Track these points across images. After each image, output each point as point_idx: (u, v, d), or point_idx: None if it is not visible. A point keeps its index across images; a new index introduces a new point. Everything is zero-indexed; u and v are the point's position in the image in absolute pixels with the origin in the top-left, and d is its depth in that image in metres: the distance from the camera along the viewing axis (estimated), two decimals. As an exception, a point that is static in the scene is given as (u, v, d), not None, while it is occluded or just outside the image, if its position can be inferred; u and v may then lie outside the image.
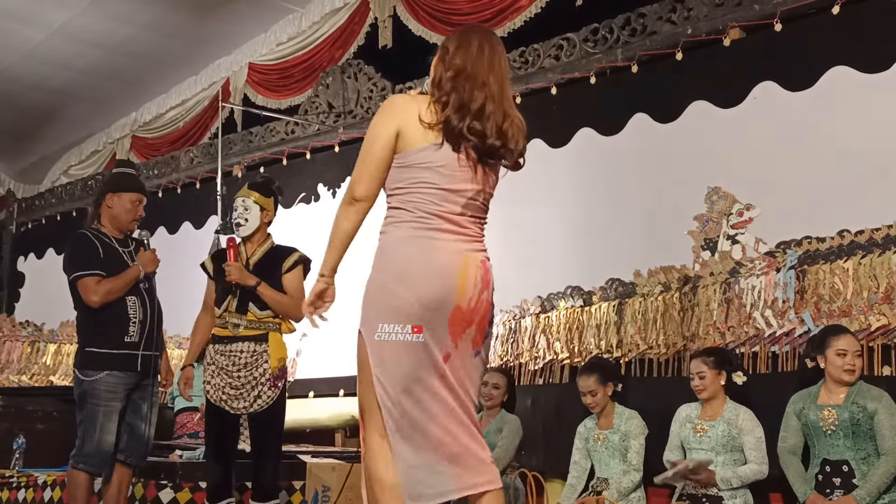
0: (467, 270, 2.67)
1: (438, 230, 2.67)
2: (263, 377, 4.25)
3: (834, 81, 5.13)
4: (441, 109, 2.70)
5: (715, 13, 5.65)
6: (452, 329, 2.65)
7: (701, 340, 5.12)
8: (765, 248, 5.16)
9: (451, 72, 2.74)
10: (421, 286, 2.62)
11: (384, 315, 2.64)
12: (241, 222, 4.43)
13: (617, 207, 5.94)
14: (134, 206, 4.44)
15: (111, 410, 4.20)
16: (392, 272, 2.66)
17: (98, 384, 4.18)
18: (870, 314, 4.56)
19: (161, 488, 4.35)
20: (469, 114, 2.68)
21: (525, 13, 6.82)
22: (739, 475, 4.35)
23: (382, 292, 2.66)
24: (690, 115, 5.71)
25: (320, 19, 8.46)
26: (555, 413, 5.43)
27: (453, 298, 2.64)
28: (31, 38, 8.97)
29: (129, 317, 4.26)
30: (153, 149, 10.38)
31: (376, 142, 2.72)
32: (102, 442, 4.17)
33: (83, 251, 4.32)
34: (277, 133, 8.51)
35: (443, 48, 2.83)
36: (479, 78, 2.72)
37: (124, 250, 4.43)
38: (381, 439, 2.64)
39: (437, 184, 2.68)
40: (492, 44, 2.80)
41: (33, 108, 10.43)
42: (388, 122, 2.72)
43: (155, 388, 4.42)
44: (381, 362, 2.64)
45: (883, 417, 4.00)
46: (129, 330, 4.25)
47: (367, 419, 2.69)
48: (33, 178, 12.10)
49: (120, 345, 4.23)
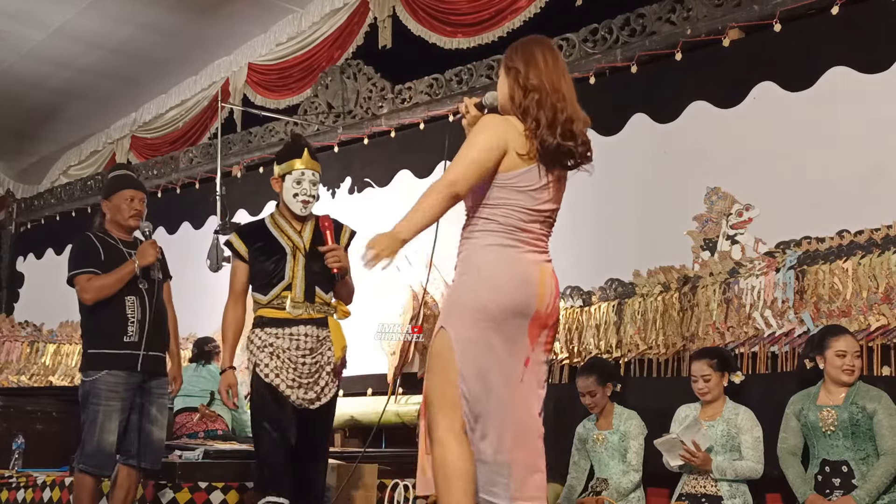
0: (545, 279, 2.84)
1: (521, 242, 2.83)
2: (329, 367, 3.91)
3: (833, 82, 5.13)
4: (534, 131, 2.80)
5: (714, 13, 5.65)
6: (532, 332, 2.83)
7: (700, 340, 5.12)
8: (764, 248, 5.16)
9: (533, 94, 2.83)
10: (509, 292, 2.77)
11: (473, 317, 2.76)
12: (309, 199, 4.03)
13: (616, 207, 5.94)
14: (128, 203, 4.36)
15: (111, 410, 4.12)
16: (481, 278, 2.79)
17: (98, 383, 4.13)
18: (869, 314, 4.56)
19: (160, 488, 4.34)
20: (559, 127, 2.80)
21: (524, 13, 6.83)
22: (735, 468, 4.37)
23: (472, 296, 2.79)
24: (690, 115, 5.72)
25: (320, 19, 8.47)
26: (554, 413, 5.41)
27: (534, 304, 2.81)
28: (30, 38, 8.97)
29: (126, 317, 4.19)
30: (153, 149, 10.38)
31: (489, 151, 2.78)
32: (103, 441, 4.10)
33: (81, 251, 4.30)
34: (277, 133, 8.51)
35: (512, 69, 2.90)
36: (557, 91, 2.85)
37: (130, 252, 4.33)
38: (449, 432, 2.74)
39: (525, 205, 2.82)
40: (553, 51, 2.92)
41: (33, 109, 10.43)
42: (500, 137, 2.80)
43: (162, 390, 4.33)
44: (467, 361, 2.75)
45: (882, 418, 4.00)
46: (127, 330, 4.18)
47: (436, 411, 2.78)
48: (33, 178, 12.10)
49: (119, 345, 4.17)
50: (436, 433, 2.78)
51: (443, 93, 7.21)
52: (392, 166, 7.51)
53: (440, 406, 2.78)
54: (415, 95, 7.43)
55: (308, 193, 4.02)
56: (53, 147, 11.57)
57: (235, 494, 4.37)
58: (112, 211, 4.39)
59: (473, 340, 2.75)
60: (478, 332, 2.75)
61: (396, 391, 6.64)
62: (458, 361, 2.75)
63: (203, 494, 4.27)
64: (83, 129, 11.06)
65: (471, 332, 2.75)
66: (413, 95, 7.45)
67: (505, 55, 2.97)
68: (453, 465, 2.73)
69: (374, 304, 6.09)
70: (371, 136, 7.73)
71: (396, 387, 6.65)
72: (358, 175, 7.73)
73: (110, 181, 4.53)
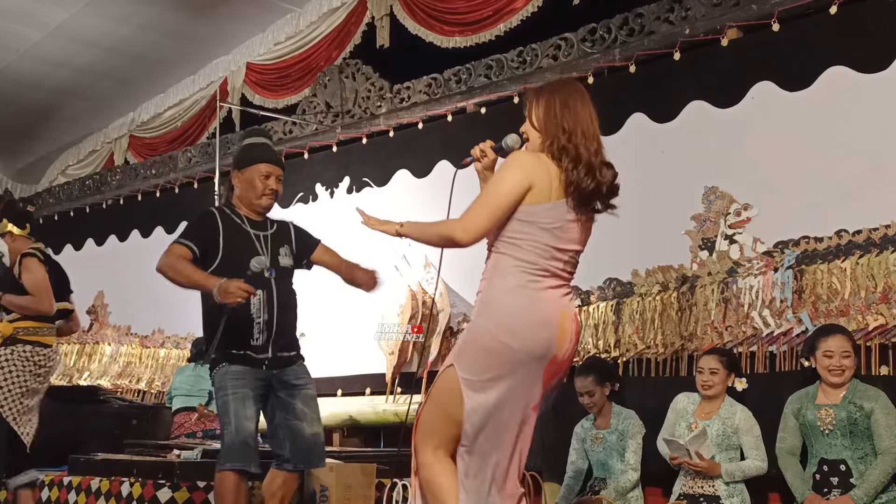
0: (564, 323, 2.82)
1: (543, 282, 2.80)
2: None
3: (831, 81, 5.13)
4: (570, 169, 2.79)
5: (713, 13, 5.65)
6: (546, 377, 2.83)
7: (699, 340, 5.13)
8: (762, 247, 5.17)
9: (572, 135, 2.82)
10: (527, 337, 2.75)
11: (488, 361, 2.76)
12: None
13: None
14: (262, 180, 3.82)
15: (243, 396, 3.64)
16: (499, 322, 2.77)
17: (223, 372, 3.68)
18: (867, 314, 4.56)
19: (159, 488, 4.34)
20: (595, 170, 2.81)
21: (522, 13, 6.83)
22: (743, 468, 4.36)
23: (489, 339, 2.77)
24: (688, 114, 5.72)
25: (318, 19, 8.47)
26: (552, 413, 5.42)
27: (554, 348, 2.80)
28: (28, 38, 8.98)
29: (251, 317, 3.72)
30: (151, 148, 10.39)
31: (509, 196, 2.77)
32: (241, 429, 3.60)
33: (194, 224, 3.84)
34: (275, 133, 8.49)
35: (546, 105, 2.89)
36: (589, 132, 2.86)
37: (257, 233, 3.85)
38: (436, 456, 2.81)
39: (549, 243, 2.80)
40: (585, 96, 2.94)
41: (31, 108, 10.44)
42: (522, 176, 2.78)
43: (303, 379, 3.85)
44: (474, 402, 2.76)
45: (880, 417, 4.01)
46: (253, 333, 3.73)
47: (425, 437, 2.84)
48: (31, 177, 12.10)
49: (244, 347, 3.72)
50: (422, 457, 2.84)
51: (441, 92, 7.21)
52: (390, 166, 7.51)
53: (430, 434, 2.84)
54: (413, 95, 7.43)
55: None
56: (51, 146, 11.57)
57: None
58: (243, 186, 3.85)
59: (483, 385, 2.76)
60: (490, 375, 2.75)
61: (395, 391, 6.64)
62: (464, 403, 2.76)
63: (201, 494, 4.27)
64: (81, 128, 11.07)
65: (482, 376, 2.75)
66: (411, 95, 7.45)
67: (535, 93, 2.96)
68: (441, 484, 2.79)
69: (373, 303, 6.08)
70: (369, 136, 7.73)
71: (395, 386, 6.66)
72: (356, 174, 7.72)
73: (244, 150, 3.92)
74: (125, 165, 10.55)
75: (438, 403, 2.84)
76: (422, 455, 2.85)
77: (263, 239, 3.86)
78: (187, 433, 6.26)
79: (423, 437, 2.85)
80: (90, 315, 10.06)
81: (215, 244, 3.75)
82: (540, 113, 2.89)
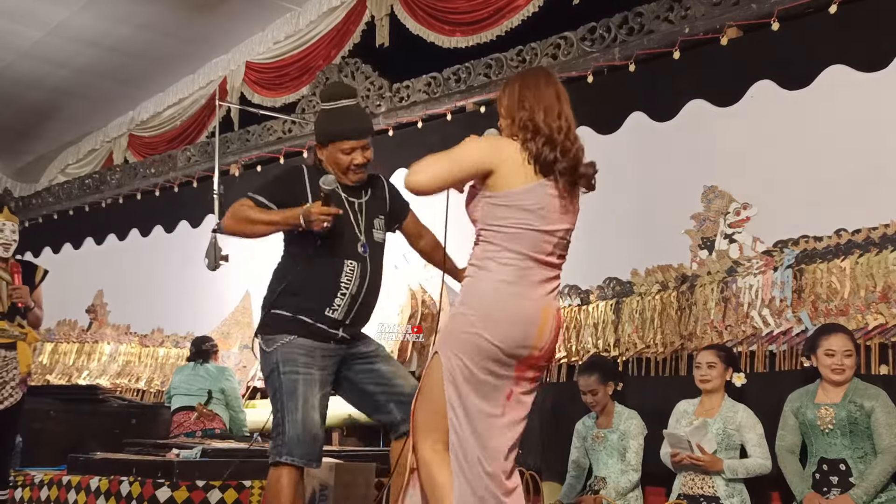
0: (546, 319, 2.86)
1: (528, 275, 2.84)
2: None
3: (831, 80, 5.13)
4: (529, 140, 2.84)
5: (712, 12, 5.65)
6: (519, 367, 2.87)
7: (698, 339, 5.13)
8: (762, 247, 5.16)
9: (529, 112, 2.88)
10: (506, 332, 2.80)
11: (466, 349, 2.81)
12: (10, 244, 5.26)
13: (614, 206, 5.93)
14: (347, 155, 3.49)
15: (312, 380, 3.28)
16: (481, 314, 2.81)
17: (291, 346, 3.30)
18: (867, 313, 4.56)
19: (158, 487, 4.33)
20: (558, 144, 2.85)
21: (522, 12, 6.82)
22: (746, 466, 4.36)
23: (468, 329, 2.81)
24: (687, 113, 5.71)
25: (317, 18, 8.46)
26: (552, 412, 5.42)
27: (531, 344, 2.85)
28: (28, 37, 8.97)
29: (340, 284, 3.38)
30: (150, 147, 10.38)
31: (472, 159, 2.85)
32: (308, 421, 3.24)
33: (273, 178, 3.57)
34: (275, 132, 8.50)
35: (510, 91, 2.96)
36: (554, 110, 2.89)
37: (350, 199, 3.51)
38: (432, 451, 2.84)
39: (534, 226, 2.83)
40: (550, 76, 2.99)
41: (30, 107, 10.44)
42: (488, 153, 2.85)
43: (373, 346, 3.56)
44: (455, 389, 2.81)
45: (880, 416, 4.01)
46: (333, 302, 3.37)
47: (422, 431, 2.88)
48: (30, 176, 12.10)
49: (317, 316, 3.35)
50: (421, 453, 2.87)
51: (441, 91, 7.20)
52: (390, 165, 7.49)
53: (427, 431, 2.87)
54: (413, 94, 7.43)
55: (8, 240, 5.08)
56: (51, 145, 11.57)
57: (233, 493, 4.36)
58: (327, 159, 3.54)
59: (463, 371, 2.80)
60: (471, 365, 2.80)
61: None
62: (445, 388, 2.81)
63: (200, 493, 4.27)
64: (81, 127, 11.06)
65: (462, 365, 2.80)
66: (411, 94, 7.44)
67: (503, 84, 3.03)
68: (442, 481, 2.81)
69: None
70: (369, 135, 7.71)
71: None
72: (356, 174, 7.70)
73: (326, 124, 3.56)
74: (124, 164, 10.54)
75: (430, 397, 2.87)
76: (420, 453, 2.87)
77: (358, 207, 3.54)
78: (186, 432, 6.26)
79: (422, 436, 2.88)
80: (89, 314, 10.06)
81: (297, 204, 3.35)
82: (505, 100, 2.96)
